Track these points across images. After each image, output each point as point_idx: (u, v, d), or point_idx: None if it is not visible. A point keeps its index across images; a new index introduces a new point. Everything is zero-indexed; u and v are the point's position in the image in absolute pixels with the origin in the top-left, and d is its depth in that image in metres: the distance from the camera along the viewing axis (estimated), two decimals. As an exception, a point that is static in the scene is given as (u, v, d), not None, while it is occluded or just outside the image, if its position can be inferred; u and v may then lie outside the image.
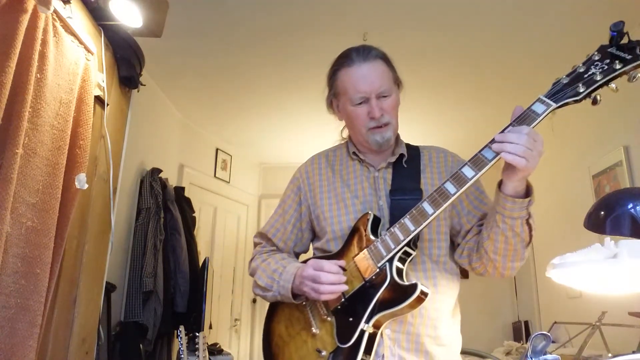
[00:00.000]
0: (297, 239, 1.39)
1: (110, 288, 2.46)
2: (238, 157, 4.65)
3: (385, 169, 1.31)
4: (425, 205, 1.09)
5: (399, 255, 1.12)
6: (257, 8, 2.54)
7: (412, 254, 1.15)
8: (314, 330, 1.19)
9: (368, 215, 1.20)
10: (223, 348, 3.38)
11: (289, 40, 2.83)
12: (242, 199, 4.68)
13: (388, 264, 1.12)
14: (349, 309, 1.14)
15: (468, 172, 1.05)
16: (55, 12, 1.36)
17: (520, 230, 1.08)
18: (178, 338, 2.13)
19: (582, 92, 0.99)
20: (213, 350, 3.22)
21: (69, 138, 1.43)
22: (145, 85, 2.19)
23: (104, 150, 1.76)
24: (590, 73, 1.00)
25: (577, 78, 1.01)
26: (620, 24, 0.99)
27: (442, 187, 1.08)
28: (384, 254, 1.12)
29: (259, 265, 1.33)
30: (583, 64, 1.03)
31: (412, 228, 1.09)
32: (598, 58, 1.01)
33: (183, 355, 2.08)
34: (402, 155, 1.32)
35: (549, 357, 0.73)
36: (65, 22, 1.43)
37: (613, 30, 1.00)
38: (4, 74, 1.12)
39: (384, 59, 1.28)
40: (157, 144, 3.48)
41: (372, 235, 1.17)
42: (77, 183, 1.44)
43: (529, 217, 1.08)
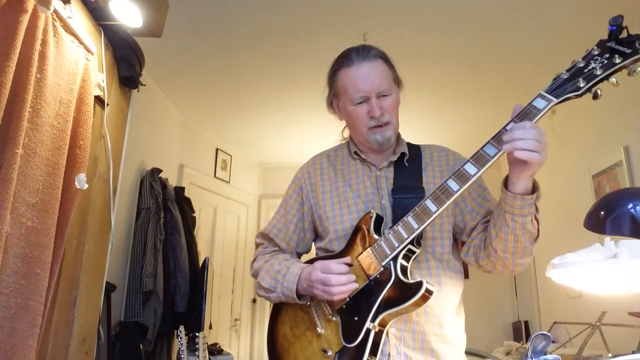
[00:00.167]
0: (299, 239, 1.39)
1: (110, 288, 2.46)
2: (238, 157, 4.65)
3: (387, 168, 1.31)
4: (429, 203, 1.09)
5: (403, 253, 1.12)
6: (257, 8, 2.53)
7: (416, 252, 1.15)
8: (319, 330, 1.18)
9: (371, 214, 1.20)
10: (223, 348, 3.37)
11: (289, 40, 2.83)
12: (242, 199, 4.68)
13: (392, 263, 1.12)
14: (354, 308, 1.14)
15: (470, 169, 1.05)
16: (55, 12, 1.36)
17: (530, 227, 1.08)
18: (178, 338, 2.13)
19: (582, 86, 0.99)
20: (213, 350, 3.22)
21: (69, 138, 1.43)
22: (145, 85, 2.19)
23: (104, 150, 1.76)
24: (590, 68, 1.00)
25: (577, 73, 1.01)
26: (619, 18, 0.99)
27: (444, 184, 1.08)
28: (388, 253, 1.12)
29: (262, 266, 1.32)
30: (583, 59, 1.03)
31: (415, 226, 1.09)
32: (597, 52, 1.01)
33: (183, 355, 2.08)
34: (403, 154, 1.32)
35: (549, 357, 0.73)
36: (65, 22, 1.43)
37: (612, 25, 0.99)
38: (4, 74, 1.12)
39: (384, 59, 1.28)
40: (157, 144, 3.47)
41: (375, 234, 1.17)
42: (77, 183, 1.44)
43: (537, 211, 1.09)
